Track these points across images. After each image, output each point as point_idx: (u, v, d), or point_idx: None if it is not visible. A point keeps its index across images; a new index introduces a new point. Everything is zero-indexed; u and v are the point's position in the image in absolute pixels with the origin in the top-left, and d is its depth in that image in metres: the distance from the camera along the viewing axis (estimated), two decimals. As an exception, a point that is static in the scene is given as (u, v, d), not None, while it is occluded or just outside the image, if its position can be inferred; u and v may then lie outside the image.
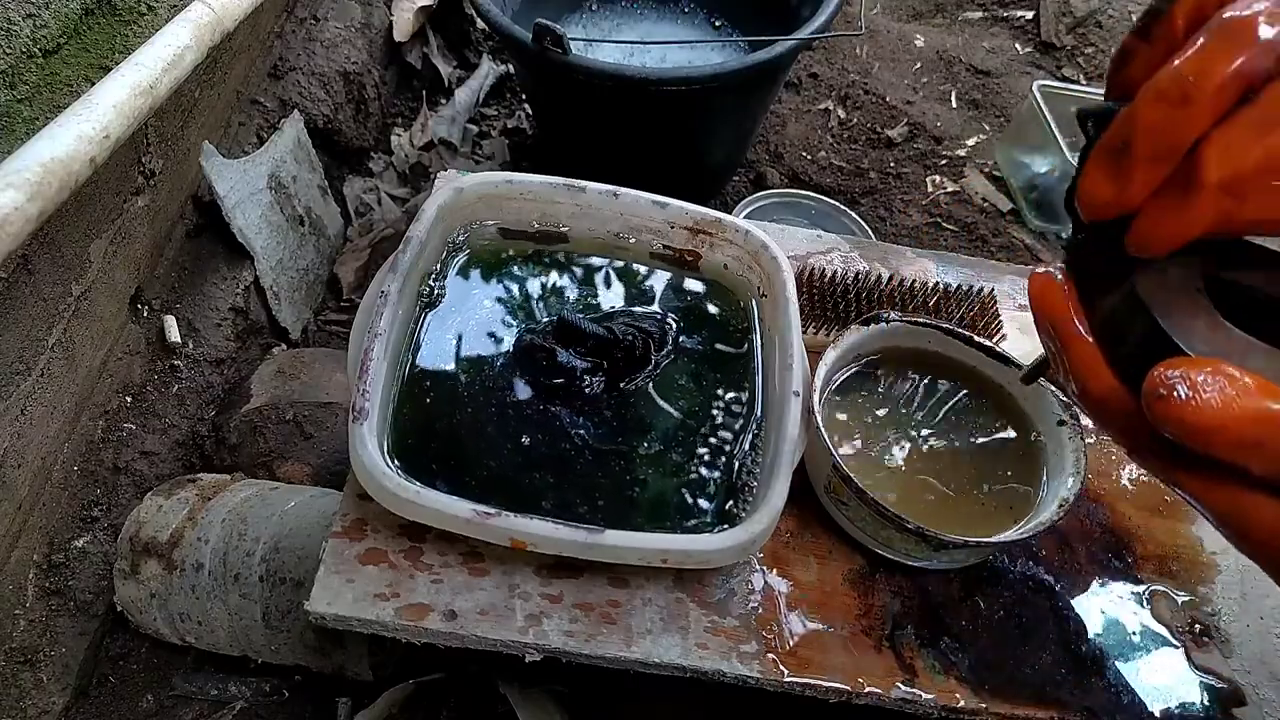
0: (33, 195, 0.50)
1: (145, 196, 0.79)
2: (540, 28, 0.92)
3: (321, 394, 0.88)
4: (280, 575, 0.71)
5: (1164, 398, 0.27)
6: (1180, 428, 0.27)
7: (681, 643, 0.50)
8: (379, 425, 0.51)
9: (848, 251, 0.74)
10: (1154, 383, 0.28)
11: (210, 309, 0.90)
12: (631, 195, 0.62)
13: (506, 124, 1.41)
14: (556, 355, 0.56)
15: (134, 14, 0.73)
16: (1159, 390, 0.28)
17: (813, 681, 0.50)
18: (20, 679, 0.68)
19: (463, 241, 0.63)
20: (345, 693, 0.75)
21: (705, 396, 0.58)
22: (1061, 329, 0.34)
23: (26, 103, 0.60)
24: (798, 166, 1.35)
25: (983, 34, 1.65)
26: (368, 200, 1.24)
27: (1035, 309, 0.35)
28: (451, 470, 0.52)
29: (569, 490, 0.52)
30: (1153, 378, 0.28)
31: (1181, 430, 0.27)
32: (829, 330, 0.65)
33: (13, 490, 0.65)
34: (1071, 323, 0.34)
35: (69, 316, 0.69)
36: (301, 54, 1.11)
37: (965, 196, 1.34)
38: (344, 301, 1.12)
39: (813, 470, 0.57)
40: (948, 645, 0.53)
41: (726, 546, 0.47)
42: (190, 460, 0.85)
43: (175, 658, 0.77)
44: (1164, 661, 0.54)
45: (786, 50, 0.97)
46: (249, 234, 0.93)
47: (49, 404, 0.68)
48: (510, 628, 0.50)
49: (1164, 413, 0.28)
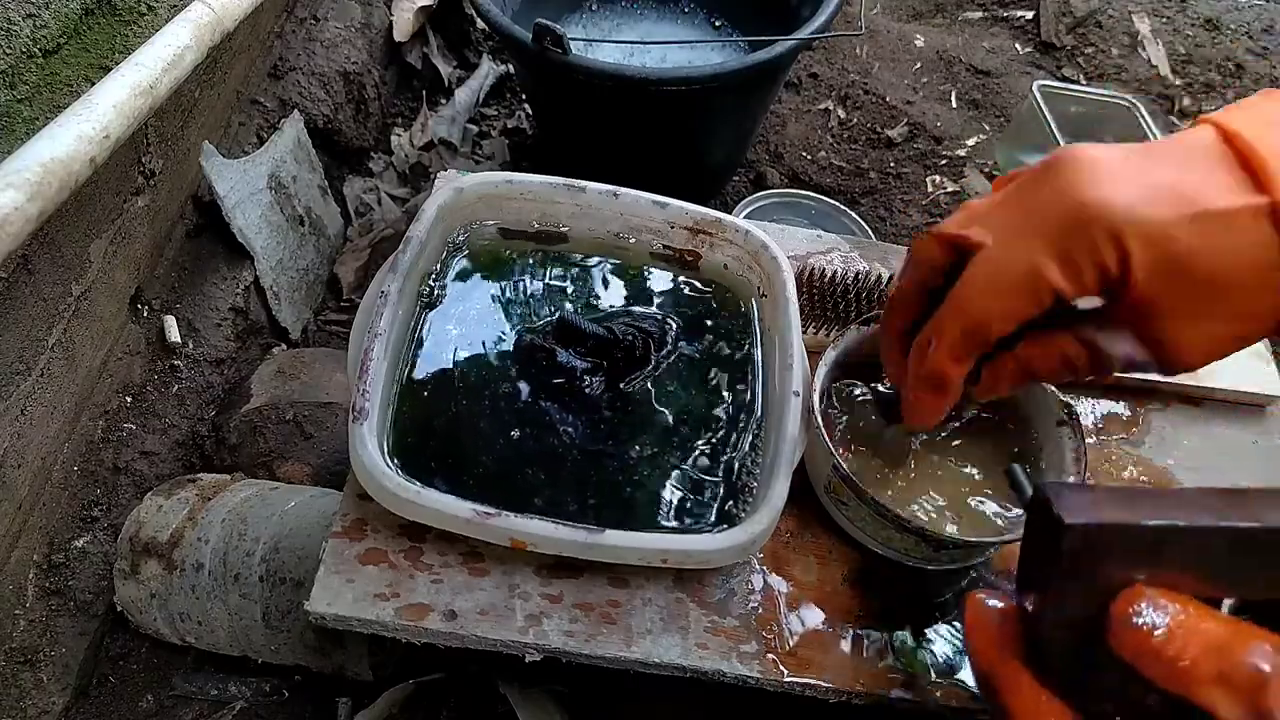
0: (33, 195, 0.50)
1: (145, 196, 0.79)
2: (540, 28, 0.92)
3: (321, 394, 0.88)
4: (280, 575, 0.71)
5: (1138, 627, 0.27)
6: (1154, 656, 0.27)
7: (681, 643, 0.50)
8: (379, 425, 0.51)
9: (848, 251, 0.74)
10: (1124, 607, 0.28)
11: (210, 309, 0.90)
12: (631, 195, 0.62)
13: (506, 124, 1.41)
14: (556, 355, 0.56)
15: (134, 14, 0.73)
16: (1131, 617, 0.27)
17: (813, 681, 0.50)
18: (20, 679, 0.68)
19: (463, 241, 0.63)
20: (345, 693, 0.75)
21: (705, 396, 0.58)
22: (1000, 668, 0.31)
23: (26, 103, 0.60)
24: (798, 166, 1.35)
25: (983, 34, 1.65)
26: (368, 200, 1.24)
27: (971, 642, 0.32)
28: (451, 470, 0.52)
29: (568, 490, 0.52)
30: (1122, 601, 0.28)
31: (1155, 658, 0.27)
32: (829, 330, 0.65)
33: (13, 490, 0.65)
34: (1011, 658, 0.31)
35: (69, 316, 0.69)
36: (301, 54, 1.11)
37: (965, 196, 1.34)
38: (344, 301, 1.12)
39: (813, 470, 0.57)
40: (948, 645, 0.53)
41: (726, 546, 0.47)
42: (190, 460, 0.85)
43: (175, 658, 0.77)
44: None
45: (786, 50, 0.97)
46: (249, 234, 0.93)
47: (49, 404, 0.68)
48: (510, 628, 0.50)
49: (1137, 642, 0.27)
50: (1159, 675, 0.27)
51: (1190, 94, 1.58)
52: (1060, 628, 0.30)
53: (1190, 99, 1.57)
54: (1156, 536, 0.28)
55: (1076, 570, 0.29)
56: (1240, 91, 1.59)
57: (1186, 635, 0.27)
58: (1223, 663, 0.26)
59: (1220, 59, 1.63)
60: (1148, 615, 0.28)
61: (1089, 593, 0.29)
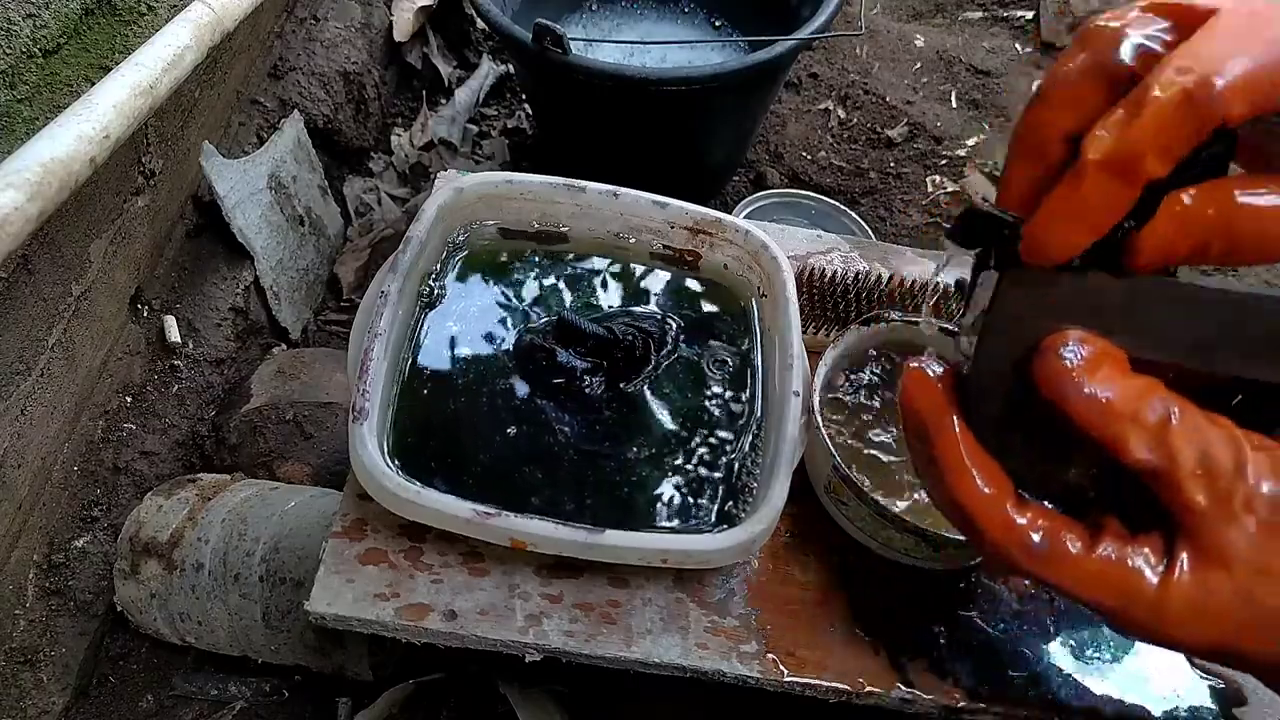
0: (33, 195, 0.50)
1: (145, 196, 0.79)
2: (540, 28, 0.92)
3: (321, 394, 0.88)
4: (280, 575, 0.71)
5: (1064, 360, 0.29)
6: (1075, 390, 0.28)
7: (681, 643, 0.50)
8: (379, 425, 0.51)
9: (848, 251, 0.74)
10: (1054, 341, 0.29)
11: (210, 309, 0.90)
12: (631, 195, 0.62)
13: (506, 124, 1.41)
14: (556, 355, 0.56)
15: (134, 14, 0.73)
16: (1059, 349, 0.29)
17: (813, 681, 0.50)
18: (20, 679, 0.68)
19: (463, 241, 0.63)
20: (345, 693, 0.75)
21: (705, 397, 0.58)
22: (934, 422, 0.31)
23: (26, 103, 0.60)
24: (798, 166, 1.35)
25: (983, 34, 1.65)
26: (368, 200, 1.24)
27: (905, 407, 0.32)
28: (451, 470, 0.52)
29: (568, 490, 0.52)
30: (1054, 338, 0.29)
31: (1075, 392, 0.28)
32: (829, 330, 0.65)
33: (13, 490, 0.65)
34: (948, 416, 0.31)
35: (69, 316, 0.69)
36: (301, 54, 1.11)
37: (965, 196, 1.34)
38: (344, 301, 1.12)
39: (813, 470, 0.57)
40: (948, 645, 0.53)
41: (726, 546, 0.47)
42: (190, 460, 0.85)
43: (175, 658, 0.77)
44: (1165, 661, 0.54)
45: (786, 50, 0.97)
46: (249, 234, 0.93)
47: (49, 404, 0.68)
48: (510, 628, 0.50)
49: (1060, 375, 0.29)
50: (1078, 410, 0.28)
51: (1190, 94, 1.58)
52: (990, 377, 0.31)
53: (1190, 99, 1.57)
54: (1090, 278, 0.29)
55: (1010, 308, 0.30)
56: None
57: (1107, 375, 0.28)
58: (1137, 402, 0.28)
59: (1220, 59, 1.63)
60: (1074, 350, 0.29)
61: (1019, 338, 0.30)
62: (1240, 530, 0.28)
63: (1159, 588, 0.28)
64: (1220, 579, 0.28)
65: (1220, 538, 0.28)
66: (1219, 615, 0.28)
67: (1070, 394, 0.28)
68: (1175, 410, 0.28)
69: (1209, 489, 0.28)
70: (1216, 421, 0.29)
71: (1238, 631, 0.28)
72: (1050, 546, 0.29)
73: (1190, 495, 0.28)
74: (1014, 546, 0.30)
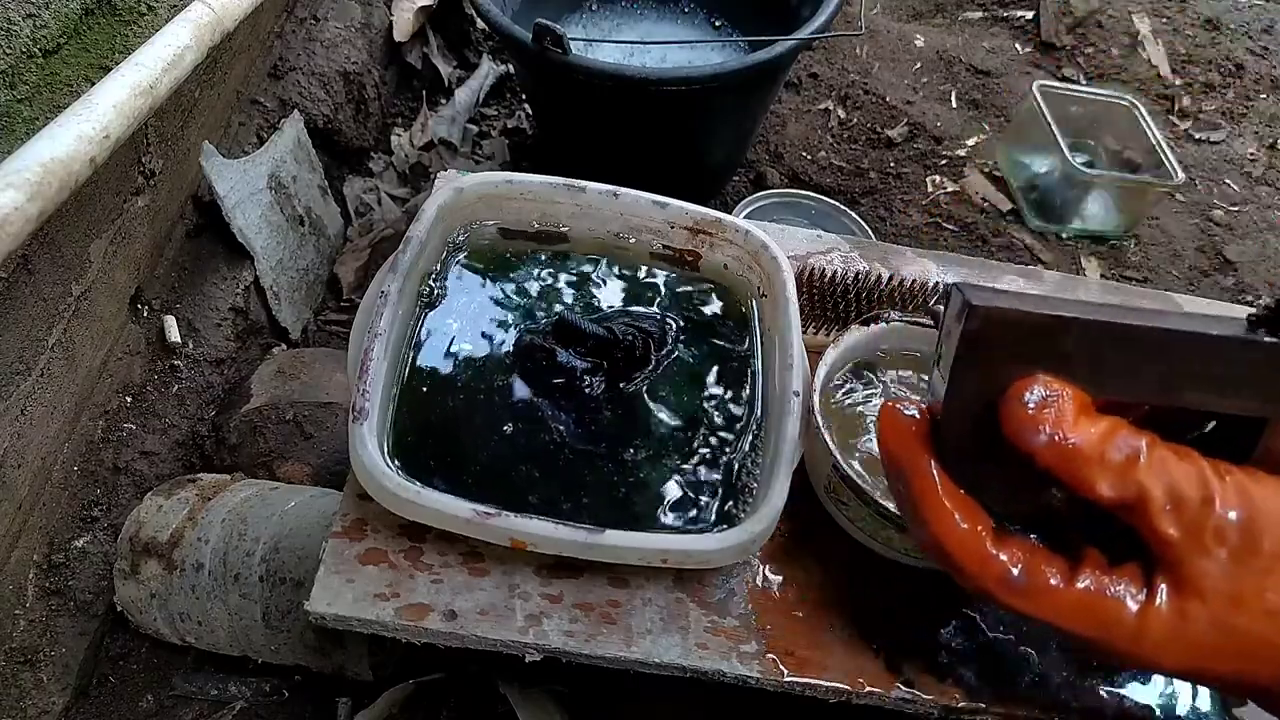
0: (33, 195, 0.50)
1: (145, 196, 0.79)
2: (540, 28, 0.92)
3: (321, 394, 0.88)
4: (280, 575, 0.71)
5: (1027, 405, 0.30)
6: (1041, 435, 0.29)
7: (681, 643, 0.50)
8: (379, 425, 0.51)
9: (848, 251, 0.74)
10: (1020, 387, 0.30)
11: (210, 309, 0.90)
12: (631, 195, 0.62)
13: (506, 124, 1.41)
14: (556, 355, 0.56)
15: (134, 14, 0.73)
16: (1024, 395, 0.30)
17: (813, 681, 0.50)
18: (20, 679, 0.68)
19: (463, 241, 0.63)
20: (345, 693, 0.75)
21: (705, 397, 0.58)
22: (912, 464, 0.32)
23: (26, 103, 0.60)
24: (798, 166, 1.35)
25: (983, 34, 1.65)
26: (368, 200, 1.24)
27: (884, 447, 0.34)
28: (451, 470, 0.52)
29: (568, 490, 0.52)
30: (1019, 384, 0.30)
31: (1042, 437, 0.29)
32: (829, 330, 0.65)
33: (13, 490, 0.65)
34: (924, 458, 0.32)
35: (69, 316, 0.69)
36: (301, 54, 1.11)
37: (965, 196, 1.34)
38: (344, 301, 1.12)
39: (813, 470, 0.57)
40: (948, 645, 0.53)
41: (726, 546, 0.47)
42: (190, 460, 0.85)
43: (175, 658, 0.77)
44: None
45: (786, 50, 0.97)
46: (249, 234, 0.93)
47: (49, 404, 0.68)
48: (510, 628, 0.50)
49: (1025, 420, 0.30)
50: (1045, 454, 0.29)
51: (1190, 94, 1.58)
52: (962, 418, 0.32)
53: (1190, 99, 1.57)
54: (1052, 326, 0.30)
55: (978, 353, 0.30)
56: (1240, 91, 1.59)
57: (1073, 419, 0.29)
58: (1102, 445, 0.29)
59: (1220, 59, 1.64)
60: (1037, 396, 0.30)
61: (989, 381, 0.31)
62: (1213, 561, 0.29)
63: (1138, 617, 0.29)
64: (1197, 608, 0.29)
65: (1194, 569, 0.29)
66: (1197, 641, 0.29)
67: (1035, 442, 0.29)
68: (1143, 446, 0.29)
69: (1179, 522, 0.29)
70: (1184, 455, 0.30)
71: (1215, 655, 0.29)
72: (1029, 580, 0.30)
73: (1163, 529, 0.29)
74: (991, 581, 0.31)
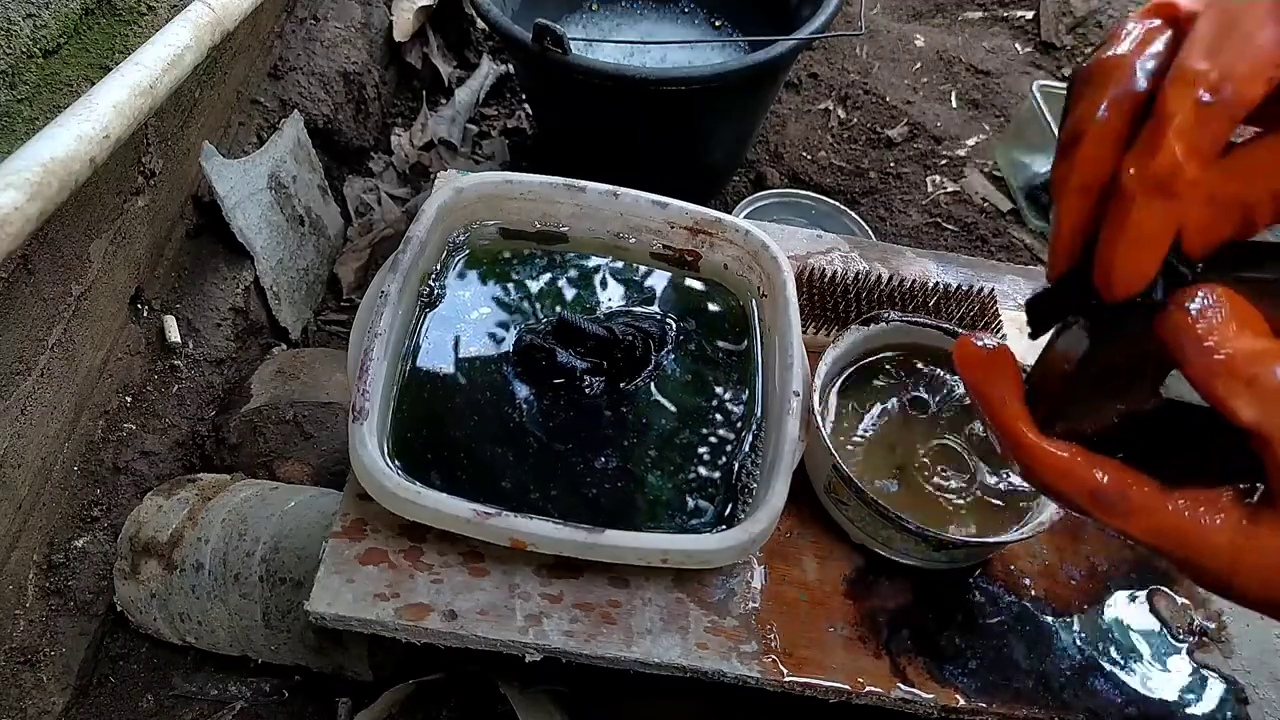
0: (33, 195, 0.50)
1: (145, 196, 0.79)
2: (540, 28, 0.92)
3: (321, 394, 0.88)
4: (280, 575, 0.71)
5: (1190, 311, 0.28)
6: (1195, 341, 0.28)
7: (681, 643, 0.50)
8: (379, 425, 0.51)
9: (848, 251, 0.74)
10: (1188, 290, 0.28)
11: (210, 309, 0.90)
12: (631, 195, 0.62)
13: (506, 124, 1.41)
14: (556, 355, 0.56)
15: (134, 14, 0.73)
16: (1188, 301, 0.28)
17: (813, 681, 0.50)
18: (20, 679, 0.68)
19: (463, 241, 0.63)
20: (345, 693, 0.75)
21: (705, 397, 0.58)
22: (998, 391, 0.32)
23: (26, 103, 0.60)
24: (798, 166, 1.35)
25: (983, 34, 1.65)
26: (368, 200, 1.24)
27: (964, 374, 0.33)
28: (451, 470, 0.52)
29: (568, 490, 0.52)
30: (1180, 293, 0.28)
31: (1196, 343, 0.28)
32: (829, 330, 0.65)
33: (13, 490, 0.65)
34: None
35: (69, 316, 0.69)
36: (301, 54, 1.11)
37: (965, 196, 1.34)
38: (344, 301, 1.12)
39: (813, 470, 0.57)
40: (948, 645, 0.53)
41: (726, 546, 0.47)
42: (190, 460, 0.85)
43: (175, 658, 0.77)
44: (1165, 661, 0.54)
45: (786, 50, 0.97)
46: (249, 234, 0.93)
47: (49, 404, 0.68)
48: (510, 628, 0.50)
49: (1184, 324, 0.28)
50: (1192, 358, 0.28)
51: (1190, 94, 1.58)
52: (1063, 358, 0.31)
53: (1190, 99, 1.57)
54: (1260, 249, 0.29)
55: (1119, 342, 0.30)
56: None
57: (1235, 332, 0.28)
58: (1258, 365, 0.27)
59: (1220, 59, 1.63)
60: (1203, 300, 0.28)
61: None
62: None
63: (1231, 547, 0.28)
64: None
65: None
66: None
67: (1188, 348, 0.28)
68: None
69: None
70: None
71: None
72: (1123, 499, 0.29)
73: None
74: (1085, 498, 0.30)
